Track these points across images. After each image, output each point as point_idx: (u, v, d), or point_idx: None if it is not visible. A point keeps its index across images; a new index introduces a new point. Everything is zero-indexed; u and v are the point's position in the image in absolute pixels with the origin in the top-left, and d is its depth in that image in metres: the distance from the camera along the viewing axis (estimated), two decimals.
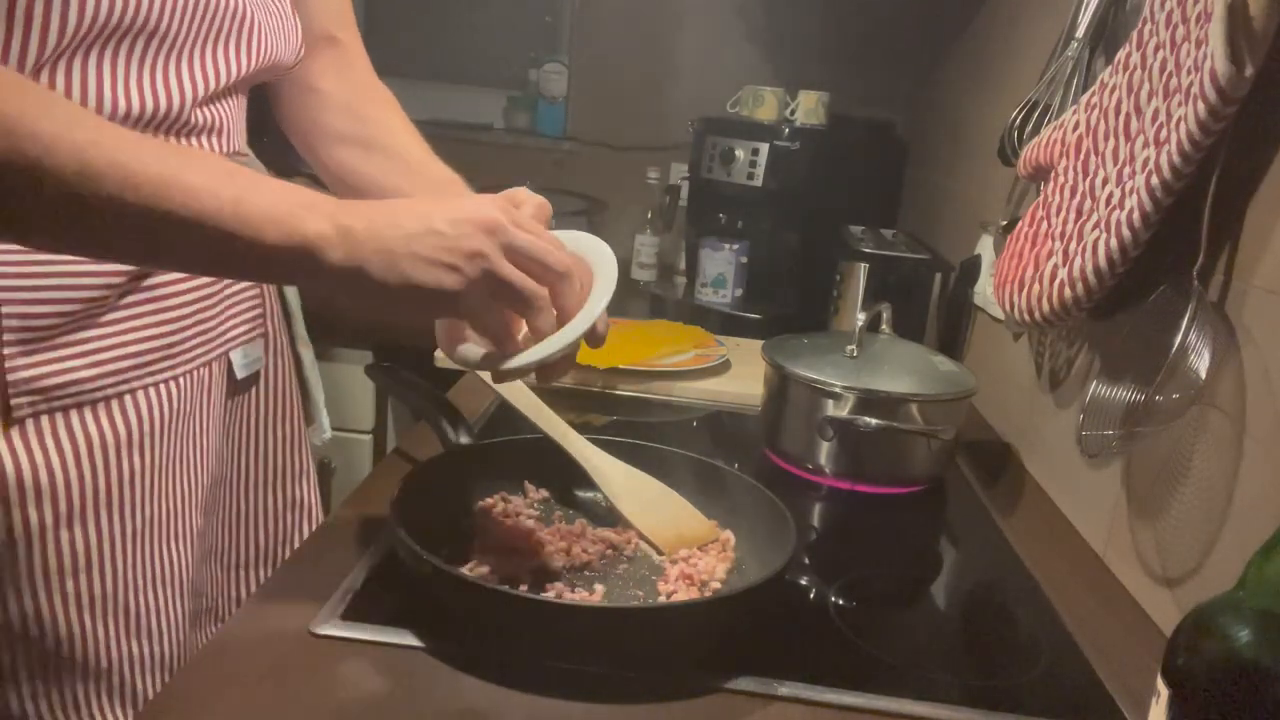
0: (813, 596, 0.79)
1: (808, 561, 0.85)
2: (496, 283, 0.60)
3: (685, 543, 0.79)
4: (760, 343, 1.12)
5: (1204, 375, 0.73)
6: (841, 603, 0.78)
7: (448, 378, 1.19)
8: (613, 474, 0.82)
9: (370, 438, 1.94)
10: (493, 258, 0.59)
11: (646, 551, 0.79)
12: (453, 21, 2.39)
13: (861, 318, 1.08)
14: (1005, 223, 1.16)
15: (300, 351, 0.95)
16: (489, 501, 0.83)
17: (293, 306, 0.97)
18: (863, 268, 1.47)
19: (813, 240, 1.83)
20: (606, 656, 0.64)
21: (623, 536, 0.80)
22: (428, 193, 0.82)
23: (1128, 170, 0.82)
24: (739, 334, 1.54)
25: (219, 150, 0.73)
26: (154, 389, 0.70)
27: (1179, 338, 0.73)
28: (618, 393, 1.24)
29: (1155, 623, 0.79)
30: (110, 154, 0.51)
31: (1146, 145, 0.80)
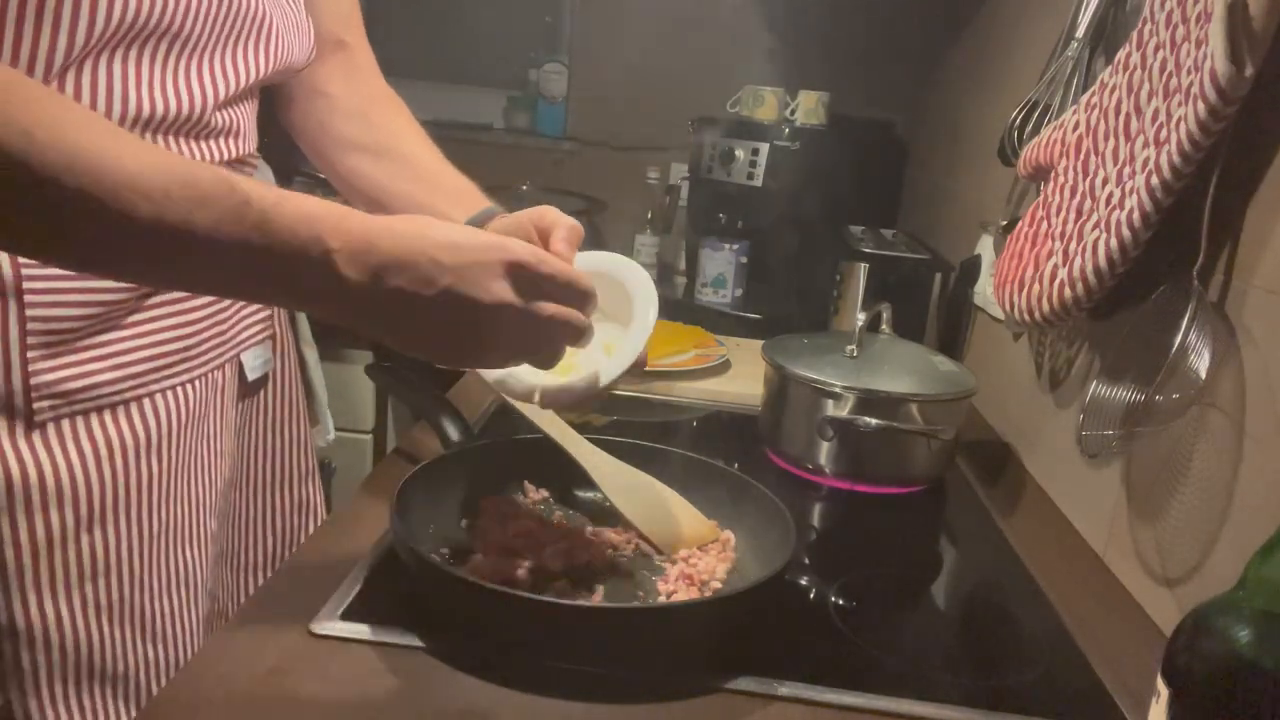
0: (813, 596, 0.79)
1: (808, 561, 0.85)
2: (532, 329, 0.60)
3: (685, 543, 0.79)
4: (760, 343, 1.12)
5: (1204, 375, 0.73)
6: (841, 603, 0.78)
7: (448, 378, 1.19)
8: (613, 474, 0.82)
9: (370, 438, 1.94)
10: (515, 315, 0.59)
11: (646, 551, 0.79)
12: (453, 21, 2.39)
13: (861, 318, 1.08)
14: (1005, 223, 1.16)
15: (304, 352, 0.95)
16: (489, 501, 0.83)
17: None
18: (863, 268, 1.47)
19: (813, 240, 1.83)
20: (606, 656, 0.64)
21: (623, 536, 0.80)
22: (443, 200, 0.82)
23: (1128, 170, 0.82)
24: (739, 334, 1.54)
25: (234, 153, 0.74)
26: (170, 392, 0.71)
27: (1179, 338, 0.73)
28: (618, 393, 1.23)
29: (1155, 623, 0.79)
30: (111, 190, 0.48)
31: (1146, 145, 0.80)
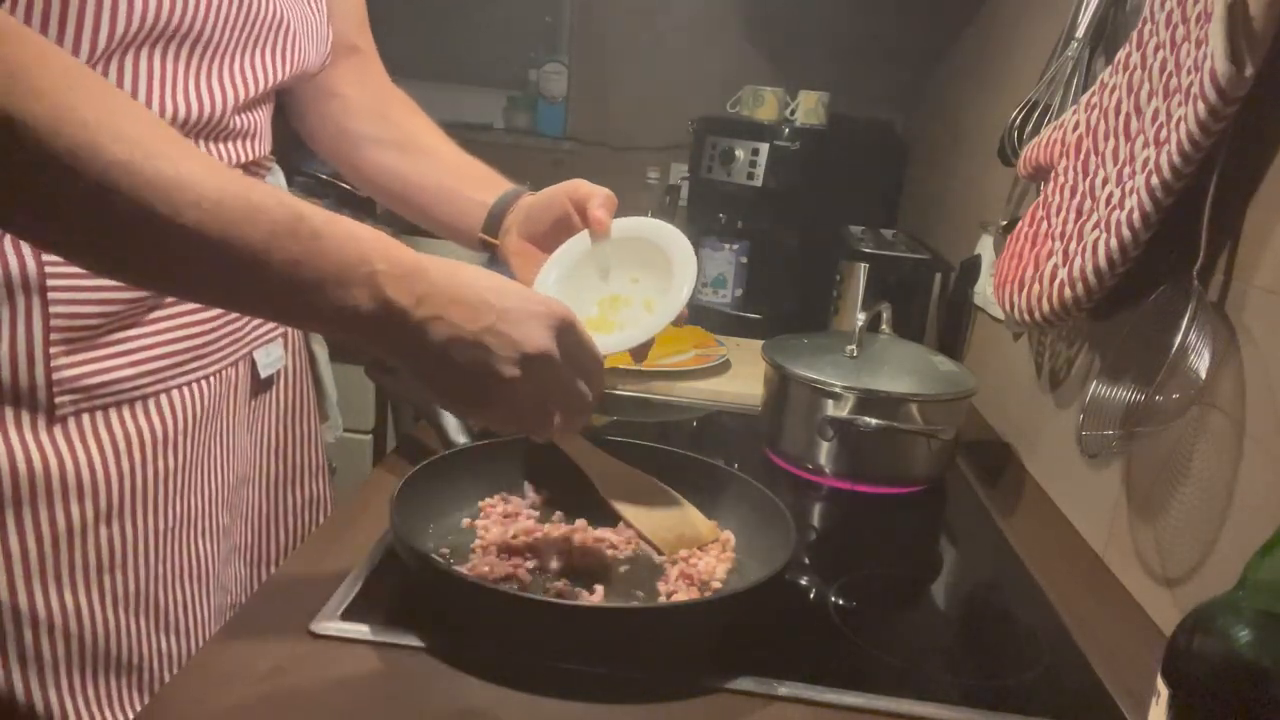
0: (813, 596, 0.79)
1: (808, 561, 0.85)
2: (545, 397, 0.62)
3: (685, 543, 0.79)
4: (760, 343, 1.12)
5: (1204, 375, 0.73)
6: (841, 603, 0.78)
7: None
8: (613, 474, 0.82)
9: (370, 438, 1.94)
10: (547, 378, 0.61)
11: (646, 552, 0.79)
12: (453, 21, 2.39)
13: (861, 318, 1.08)
14: (1005, 223, 1.16)
15: (315, 350, 0.96)
16: (489, 501, 0.83)
17: None
18: (863, 268, 1.47)
19: (813, 240, 1.83)
20: (606, 656, 0.64)
21: (623, 537, 0.80)
22: (473, 187, 0.87)
23: (1128, 170, 0.82)
24: (739, 334, 1.54)
25: (250, 155, 0.74)
26: (186, 388, 0.72)
27: (1179, 338, 0.73)
28: (618, 393, 1.24)
29: (1155, 623, 0.79)
30: (164, 193, 0.48)
31: (1146, 145, 0.80)
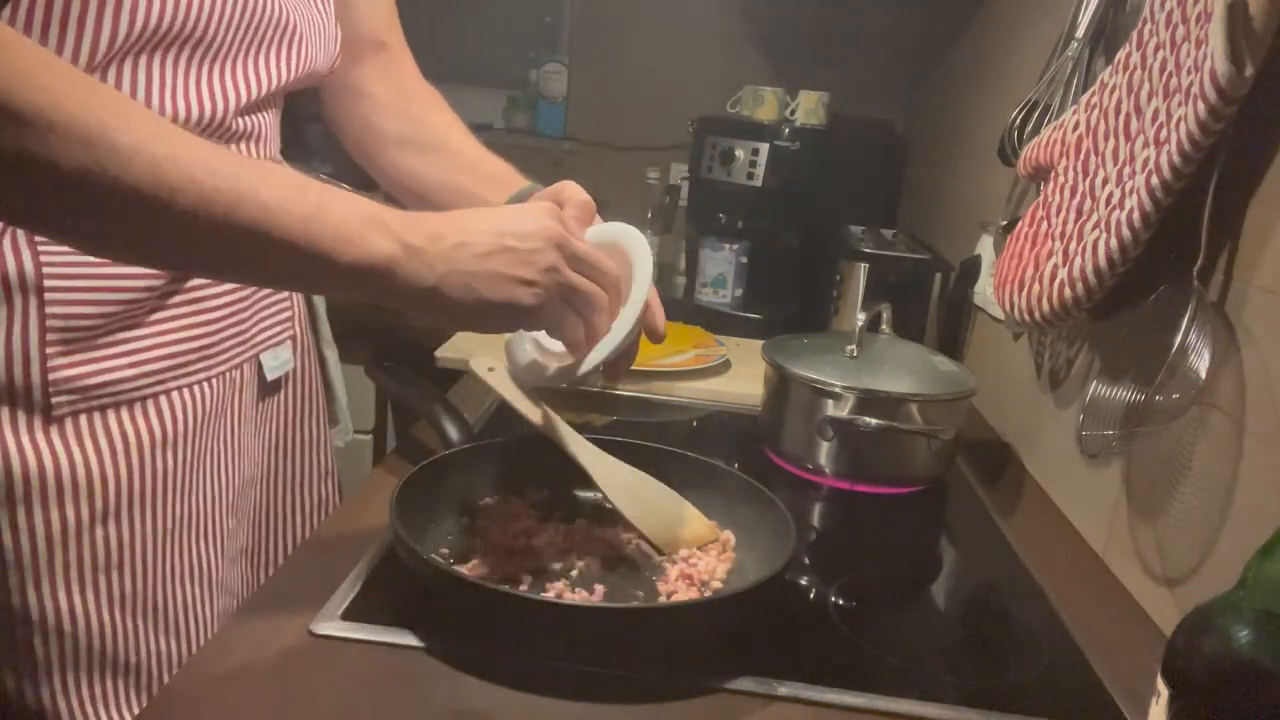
0: (813, 596, 0.79)
1: (808, 561, 0.85)
2: (569, 291, 0.63)
3: (685, 543, 0.79)
4: (760, 343, 1.12)
5: (1204, 375, 0.73)
6: (841, 603, 0.78)
7: (448, 378, 1.19)
8: (613, 474, 0.82)
9: (370, 438, 1.94)
10: (563, 270, 0.62)
11: (647, 552, 0.79)
12: (453, 21, 2.39)
13: (861, 318, 1.08)
14: (1005, 223, 1.16)
15: (325, 353, 0.96)
16: (489, 501, 0.83)
17: (319, 309, 0.98)
18: (863, 268, 1.47)
19: (813, 240, 1.83)
20: (606, 656, 0.64)
21: (623, 536, 0.80)
22: (487, 187, 0.86)
23: (1128, 170, 0.82)
24: (739, 334, 1.54)
25: (256, 156, 0.74)
26: (188, 390, 0.71)
27: (1179, 338, 0.73)
28: (618, 393, 1.24)
29: (1155, 623, 0.79)
30: (186, 168, 0.50)
31: (1146, 145, 0.80)
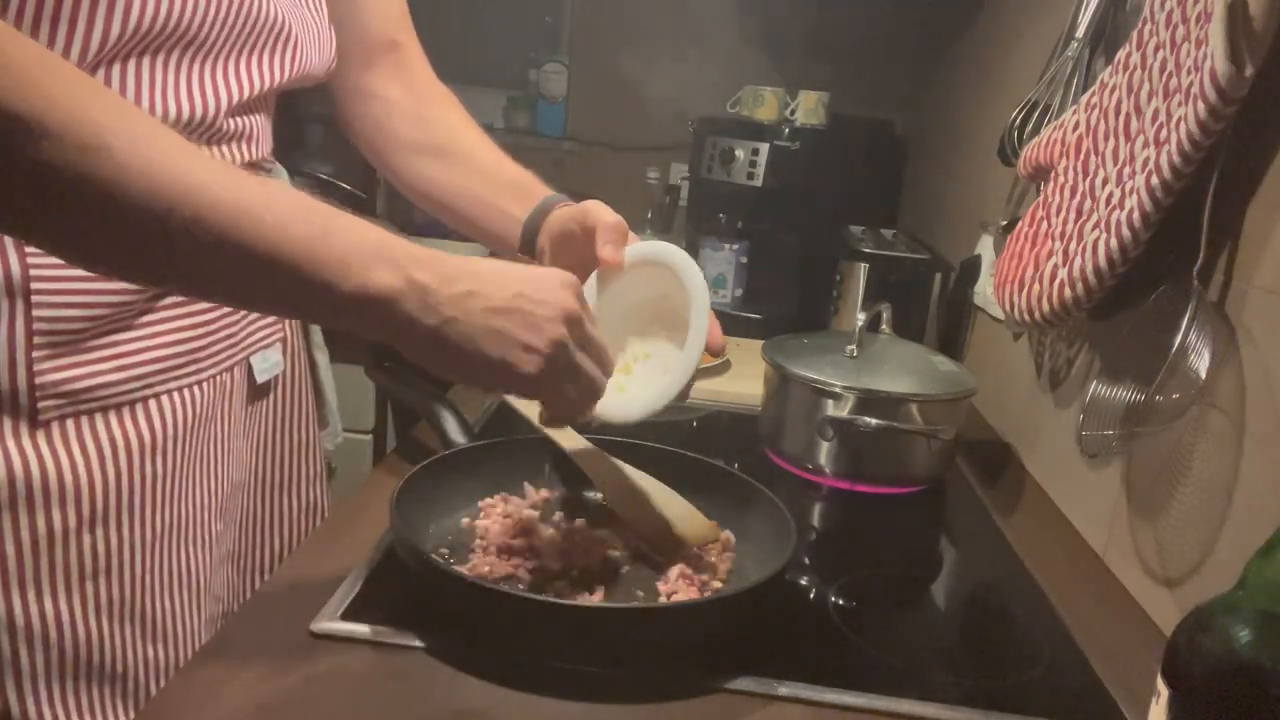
0: (813, 596, 0.79)
1: (808, 561, 0.85)
2: (572, 372, 0.61)
3: (685, 543, 0.79)
4: (760, 343, 1.12)
5: (1204, 375, 0.73)
6: (841, 603, 0.78)
7: None
8: (612, 474, 0.82)
9: (370, 438, 1.94)
10: (570, 348, 0.60)
11: (646, 551, 0.79)
12: (453, 21, 2.39)
13: (861, 318, 1.08)
14: (1005, 223, 1.16)
15: (315, 356, 0.95)
16: (489, 501, 0.83)
17: None
18: (863, 268, 1.47)
19: (813, 240, 1.83)
20: (606, 656, 0.64)
21: (623, 537, 0.80)
22: (506, 196, 0.86)
23: (1128, 170, 0.82)
24: (739, 334, 1.54)
25: (247, 157, 0.74)
26: (178, 394, 0.70)
27: (1179, 338, 0.73)
28: None
29: (1155, 623, 0.79)
30: (184, 178, 0.48)
31: (1146, 145, 0.80)
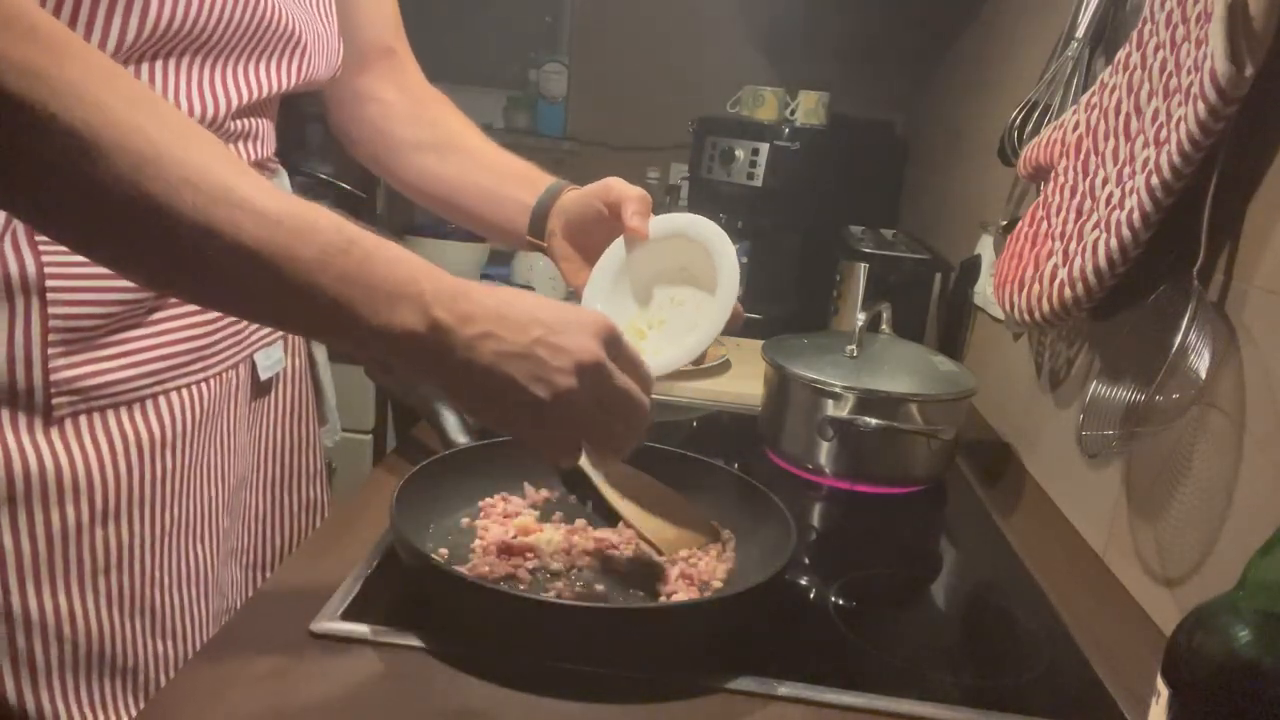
0: (813, 596, 0.79)
1: (808, 561, 0.85)
2: (583, 422, 0.58)
3: (685, 543, 0.79)
4: (760, 343, 1.12)
5: (1204, 375, 0.73)
6: (841, 603, 0.78)
7: None
8: (612, 474, 0.82)
9: (370, 438, 1.94)
10: (583, 400, 0.57)
11: (646, 551, 0.79)
12: (453, 21, 2.39)
13: (861, 318, 1.08)
14: (1005, 223, 1.16)
15: (314, 352, 0.96)
16: (489, 501, 0.83)
17: None
18: (863, 268, 1.47)
19: (813, 240, 1.83)
20: (606, 656, 0.64)
21: (623, 536, 0.80)
22: (511, 185, 0.87)
23: (1128, 170, 0.82)
24: (739, 334, 1.53)
25: (251, 157, 0.74)
26: (186, 390, 0.71)
27: (1179, 338, 0.73)
28: None
29: (1155, 623, 0.79)
30: (227, 210, 0.48)
31: (1146, 145, 0.80)
